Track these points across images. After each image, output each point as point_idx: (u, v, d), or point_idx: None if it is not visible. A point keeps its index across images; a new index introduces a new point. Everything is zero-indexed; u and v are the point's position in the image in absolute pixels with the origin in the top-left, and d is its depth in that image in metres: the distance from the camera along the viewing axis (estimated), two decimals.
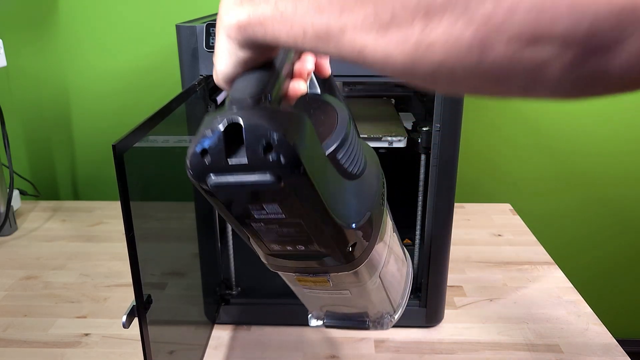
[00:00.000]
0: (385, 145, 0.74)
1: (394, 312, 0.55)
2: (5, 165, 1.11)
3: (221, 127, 0.30)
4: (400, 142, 0.74)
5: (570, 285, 0.93)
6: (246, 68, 0.34)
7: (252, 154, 0.30)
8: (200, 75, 0.68)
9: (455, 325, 0.83)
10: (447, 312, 0.84)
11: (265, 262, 0.43)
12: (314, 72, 0.44)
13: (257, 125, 0.30)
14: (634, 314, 1.48)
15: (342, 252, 0.40)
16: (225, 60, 0.34)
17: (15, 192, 1.16)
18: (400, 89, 0.98)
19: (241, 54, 0.33)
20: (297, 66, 0.40)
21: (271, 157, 0.30)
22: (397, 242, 0.56)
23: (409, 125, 0.78)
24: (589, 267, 1.42)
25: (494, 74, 0.21)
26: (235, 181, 0.31)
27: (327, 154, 0.40)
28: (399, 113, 0.88)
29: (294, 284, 0.48)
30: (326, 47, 0.27)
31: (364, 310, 0.53)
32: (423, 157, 0.73)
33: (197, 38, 0.67)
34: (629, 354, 0.75)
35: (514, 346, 0.78)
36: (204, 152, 0.31)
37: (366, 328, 0.55)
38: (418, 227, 0.78)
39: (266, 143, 0.30)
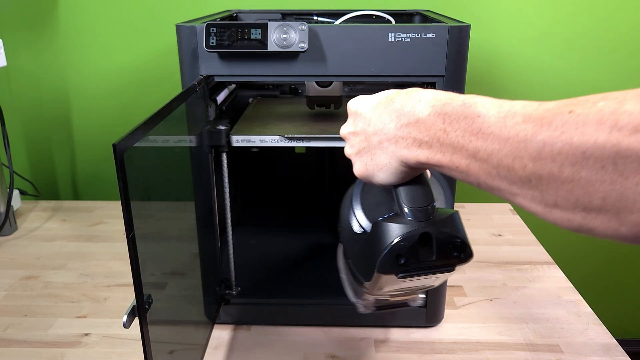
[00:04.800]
0: None
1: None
2: (5, 165, 1.11)
3: (416, 239, 0.40)
4: None
5: (570, 285, 0.93)
6: (406, 180, 0.43)
7: (441, 255, 0.41)
8: (200, 75, 0.68)
9: (455, 325, 0.83)
10: (447, 312, 0.84)
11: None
12: None
13: (445, 235, 0.41)
14: (634, 314, 1.48)
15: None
16: (392, 175, 0.42)
17: (15, 192, 1.16)
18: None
19: (408, 173, 0.42)
20: None
21: (455, 254, 0.41)
22: None
23: None
24: (589, 267, 1.42)
25: None
26: (423, 272, 0.42)
27: None
28: None
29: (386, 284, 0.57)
30: (497, 194, 0.35)
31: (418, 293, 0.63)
32: None
33: (197, 38, 0.67)
34: (629, 354, 0.75)
35: (514, 346, 0.78)
36: (399, 256, 0.41)
37: (407, 305, 0.65)
38: None
39: (452, 246, 0.41)
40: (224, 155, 0.74)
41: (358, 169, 0.45)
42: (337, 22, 0.88)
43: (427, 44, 0.65)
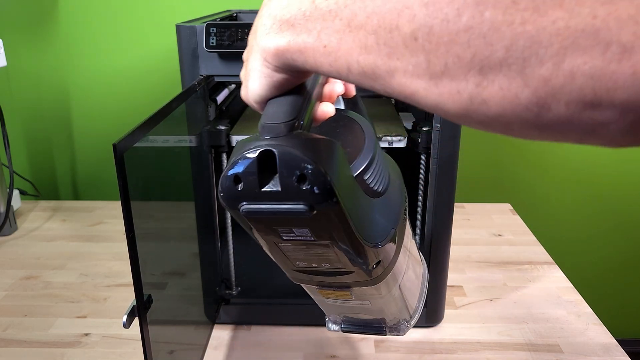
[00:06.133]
0: (385, 145, 0.74)
1: (411, 317, 0.55)
2: (5, 165, 1.11)
3: (254, 156, 0.30)
4: (400, 142, 0.74)
5: (570, 285, 0.93)
6: (280, 91, 0.34)
7: (285, 184, 0.30)
8: (200, 75, 0.68)
9: (455, 325, 0.83)
10: (447, 312, 0.84)
11: (287, 275, 0.43)
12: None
13: (291, 156, 0.30)
14: (634, 314, 1.48)
15: (366, 269, 0.41)
16: (258, 81, 0.33)
17: (15, 192, 1.16)
18: None
19: (276, 77, 0.32)
20: (327, 88, 0.40)
21: (305, 187, 0.30)
22: (415, 245, 0.55)
23: (409, 125, 0.78)
24: (589, 267, 1.42)
25: (551, 129, 0.22)
26: (268, 208, 0.31)
27: (355, 175, 0.40)
28: (399, 113, 0.88)
29: (315, 293, 0.49)
30: (372, 84, 0.26)
31: (382, 317, 0.53)
32: (423, 157, 0.73)
33: (197, 38, 0.67)
34: (629, 354, 0.75)
35: (514, 346, 0.78)
36: (237, 179, 0.31)
37: (383, 334, 0.55)
38: (418, 227, 0.78)
39: (300, 174, 0.30)
40: (224, 155, 0.74)
41: (240, 91, 0.37)
42: None
43: None
